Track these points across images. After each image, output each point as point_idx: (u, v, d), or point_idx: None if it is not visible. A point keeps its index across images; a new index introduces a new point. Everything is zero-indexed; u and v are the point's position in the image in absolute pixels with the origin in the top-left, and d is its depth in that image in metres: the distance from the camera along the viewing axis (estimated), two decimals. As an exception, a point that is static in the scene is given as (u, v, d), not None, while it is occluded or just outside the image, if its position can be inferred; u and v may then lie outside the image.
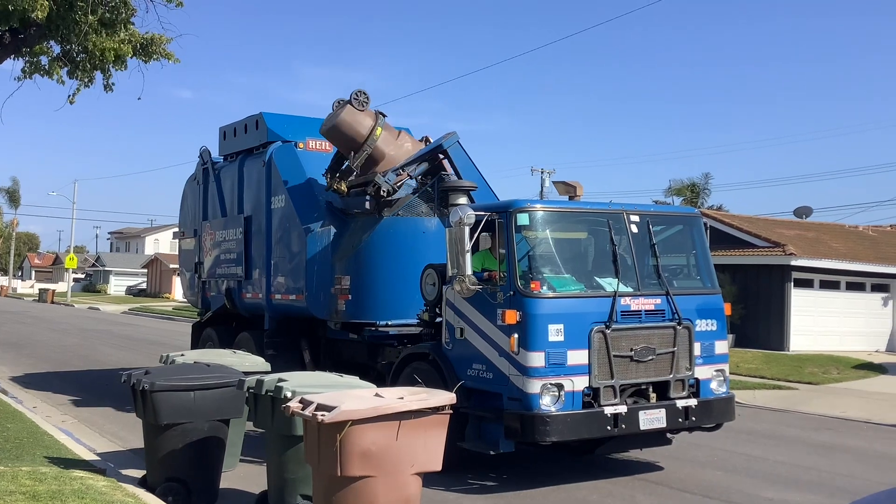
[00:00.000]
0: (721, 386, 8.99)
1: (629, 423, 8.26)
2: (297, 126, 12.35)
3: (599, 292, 8.48)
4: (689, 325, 8.72)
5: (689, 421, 8.64)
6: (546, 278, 8.38)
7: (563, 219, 9.00)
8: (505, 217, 8.44)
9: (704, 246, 9.43)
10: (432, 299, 9.39)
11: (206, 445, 7.43)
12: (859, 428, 13.11)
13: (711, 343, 8.93)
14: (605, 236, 8.76)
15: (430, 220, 10.68)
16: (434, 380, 8.87)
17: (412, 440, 5.62)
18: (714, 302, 9.11)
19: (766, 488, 8.75)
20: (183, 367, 7.97)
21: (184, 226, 15.11)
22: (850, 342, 23.99)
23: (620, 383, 8.31)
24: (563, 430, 8.04)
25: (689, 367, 8.71)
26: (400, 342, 10.27)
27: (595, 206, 9.11)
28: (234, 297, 12.97)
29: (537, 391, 7.99)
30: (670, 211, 9.38)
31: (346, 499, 5.55)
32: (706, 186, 36.41)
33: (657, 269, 8.80)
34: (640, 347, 8.42)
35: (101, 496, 6.74)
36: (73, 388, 15.04)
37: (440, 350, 9.02)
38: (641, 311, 8.54)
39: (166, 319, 40.09)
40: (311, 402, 5.65)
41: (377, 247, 10.61)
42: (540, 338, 8.04)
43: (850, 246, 26.38)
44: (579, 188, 9.85)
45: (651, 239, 8.84)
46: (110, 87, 10.65)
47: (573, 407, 8.11)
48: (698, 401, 8.69)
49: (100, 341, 26.14)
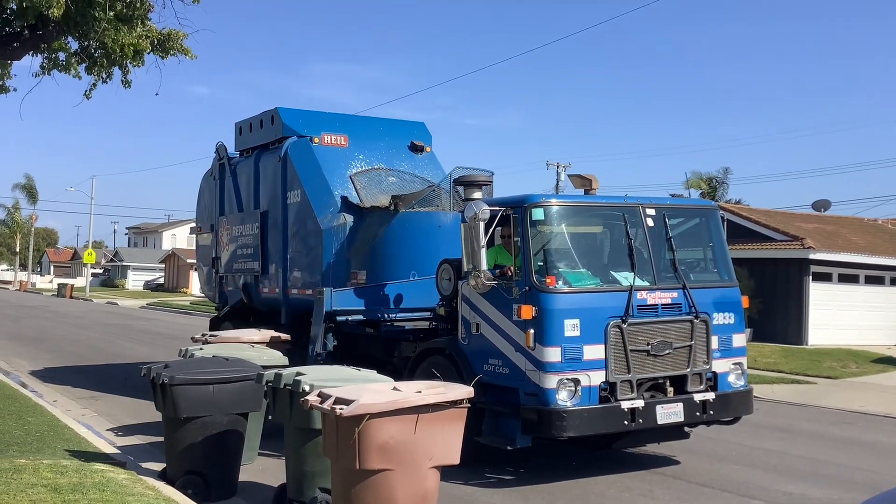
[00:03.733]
0: (739, 379, 8.94)
1: (646, 417, 8.22)
2: (313, 121, 12.34)
3: (615, 286, 8.44)
4: (706, 318, 8.66)
5: (707, 415, 8.59)
6: (562, 273, 8.34)
7: (578, 213, 8.96)
8: (520, 212, 8.41)
9: (721, 238, 9.36)
10: (448, 294, 9.38)
11: (224, 439, 7.47)
12: (879, 422, 13.02)
13: (729, 336, 8.87)
14: (621, 230, 8.71)
15: (445, 214, 10.67)
16: (450, 374, 8.85)
17: (430, 434, 5.62)
18: (731, 295, 9.05)
19: (785, 483, 8.70)
20: (202, 361, 8.00)
21: (200, 221, 15.17)
22: (869, 336, 23.81)
23: (637, 378, 8.27)
24: (581, 425, 8.02)
25: (707, 360, 8.66)
26: (416, 337, 10.27)
27: (610, 199, 9.06)
28: (251, 292, 13.01)
29: (554, 386, 7.97)
30: (687, 204, 9.33)
31: (364, 492, 5.57)
32: (725, 180, 36.23)
33: (673, 262, 8.75)
34: (657, 341, 8.37)
35: (122, 489, 6.77)
36: (92, 381, 15.09)
37: (456, 345, 9.02)
38: (658, 305, 8.49)
39: (184, 314, 40.21)
40: (329, 396, 5.66)
41: (393, 241, 10.62)
42: (556, 333, 8.02)
43: (869, 239, 26.18)
44: (595, 181, 9.79)
45: (667, 232, 8.79)
46: (128, 82, 10.66)
47: (590, 402, 8.08)
48: (716, 394, 8.64)
49: (118, 336, 26.26)
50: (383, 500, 5.55)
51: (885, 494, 3.72)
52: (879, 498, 3.64)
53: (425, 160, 12.59)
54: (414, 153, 12.60)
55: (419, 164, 12.47)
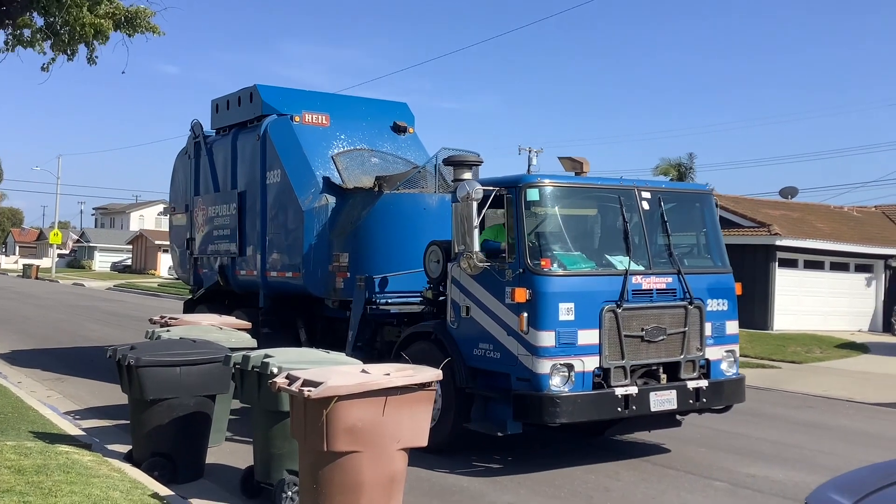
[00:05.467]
0: (731, 367, 8.66)
1: (640, 404, 7.91)
2: (293, 99, 11.81)
3: (610, 270, 8.11)
4: (700, 304, 8.36)
5: (700, 402, 8.31)
6: (556, 256, 7.98)
7: (573, 195, 8.58)
8: (514, 192, 8.02)
9: (716, 224, 9.05)
10: (436, 277, 8.99)
11: (192, 421, 7.32)
12: (842, 406, 13.02)
13: (722, 323, 8.59)
14: (616, 213, 8.37)
15: (431, 196, 10.25)
16: (438, 359, 8.49)
17: (398, 416, 5.57)
18: (725, 281, 8.75)
19: (749, 465, 8.61)
20: (169, 343, 7.79)
21: (174, 201, 14.54)
22: (833, 322, 23.90)
23: (631, 364, 7.96)
24: (574, 412, 7.69)
25: (700, 347, 8.36)
26: (400, 321, 9.86)
27: (606, 181, 8.70)
28: (227, 275, 12.47)
29: (547, 371, 7.63)
30: (682, 188, 9.01)
31: (331, 474, 5.51)
32: (691, 166, 36.10)
33: (668, 247, 8.43)
34: (651, 327, 8.06)
35: (87, 471, 6.61)
36: (58, 363, 14.68)
37: (445, 329, 8.63)
38: (653, 290, 8.17)
39: (152, 296, 39.50)
40: (297, 378, 5.58)
41: (377, 223, 10.16)
42: (550, 317, 7.67)
43: (835, 226, 26.24)
44: (586, 164, 9.43)
45: (663, 216, 8.46)
46: (94, 60, 10.53)
47: (583, 388, 7.75)
48: (709, 382, 8.36)
49: (85, 317, 25.60)
50: (351, 481, 5.50)
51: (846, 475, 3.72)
52: (840, 479, 3.65)
53: (408, 141, 12.14)
54: (397, 134, 12.15)
55: (402, 145, 12.02)
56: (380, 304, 9.94)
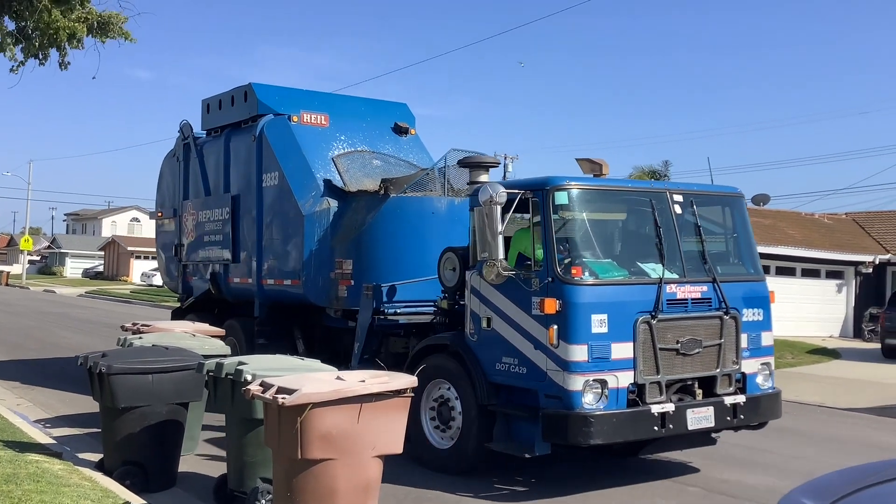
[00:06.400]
0: (767, 381, 7.91)
1: (677, 422, 7.13)
2: (290, 98, 10.87)
3: (644, 279, 7.32)
4: (736, 314, 7.59)
5: (738, 419, 7.54)
6: (587, 263, 7.18)
7: (603, 198, 7.78)
8: (541, 196, 7.21)
9: (748, 228, 8.29)
10: (452, 286, 8.13)
11: (164, 429, 7.05)
12: (813, 411, 12.71)
13: (758, 334, 7.83)
14: (647, 217, 7.59)
15: (440, 199, 9.40)
16: (458, 374, 7.66)
17: (373, 423, 5.40)
18: (759, 289, 8.00)
19: (722, 470, 8.31)
20: (141, 350, 7.46)
21: (161, 205, 13.45)
22: (805, 328, 23.48)
23: (666, 379, 7.18)
24: (608, 432, 6.88)
25: (736, 360, 7.60)
26: (408, 332, 8.98)
27: (636, 184, 7.99)
28: (219, 282, 11.46)
29: (580, 388, 6.82)
30: (714, 190, 8.24)
31: (306, 481, 5.34)
32: (666, 172, 35.64)
33: (703, 253, 7.66)
34: (687, 339, 7.28)
35: (58, 479, 6.34)
36: (28, 371, 13.83)
37: (463, 341, 7.77)
38: (688, 300, 7.39)
39: (124, 303, 38.14)
40: (271, 385, 5.38)
41: (383, 228, 9.29)
42: (582, 329, 6.86)
43: (806, 233, 25.90)
44: (605, 166, 8.61)
45: (696, 220, 7.71)
46: (65, 65, 10.15)
47: (618, 405, 6.95)
48: (746, 397, 7.61)
49: (56, 324, 24.29)
50: (325, 489, 5.33)
51: (817, 480, 3.68)
52: (812, 483, 3.62)
53: (410, 143, 11.29)
54: (398, 135, 11.29)
55: (404, 146, 11.16)
56: (388, 314, 9.05)
